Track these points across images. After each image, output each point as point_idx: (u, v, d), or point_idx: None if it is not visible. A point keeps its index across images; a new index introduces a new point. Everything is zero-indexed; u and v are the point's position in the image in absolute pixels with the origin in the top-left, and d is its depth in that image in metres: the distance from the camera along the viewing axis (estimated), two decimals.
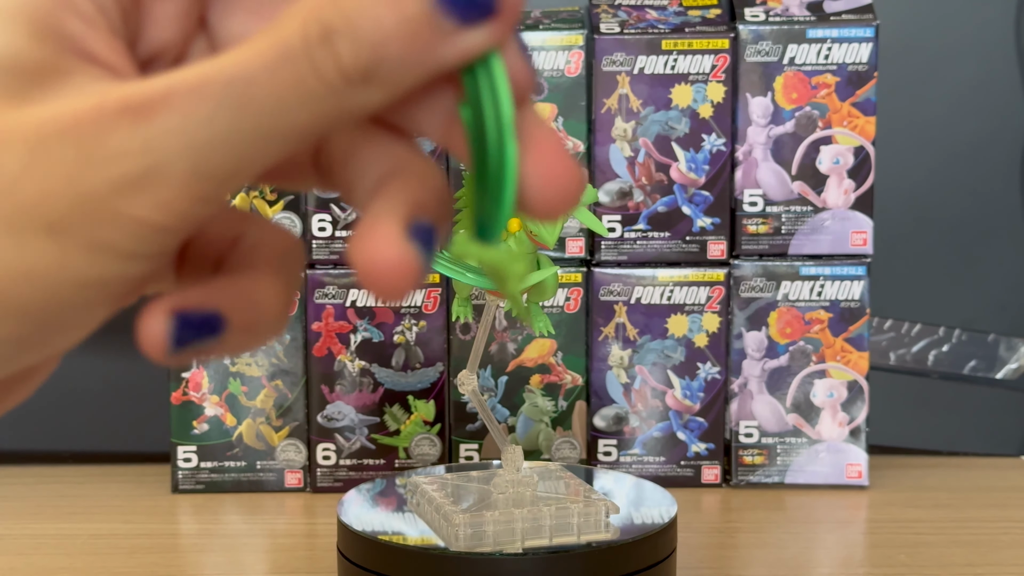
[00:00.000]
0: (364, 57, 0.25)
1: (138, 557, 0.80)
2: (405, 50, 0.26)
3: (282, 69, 0.25)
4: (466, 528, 0.66)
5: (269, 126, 0.25)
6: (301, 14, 0.26)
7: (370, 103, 0.26)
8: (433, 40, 0.26)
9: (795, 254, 0.90)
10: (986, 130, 1.03)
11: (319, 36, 0.25)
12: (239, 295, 0.29)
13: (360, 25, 0.25)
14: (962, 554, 0.80)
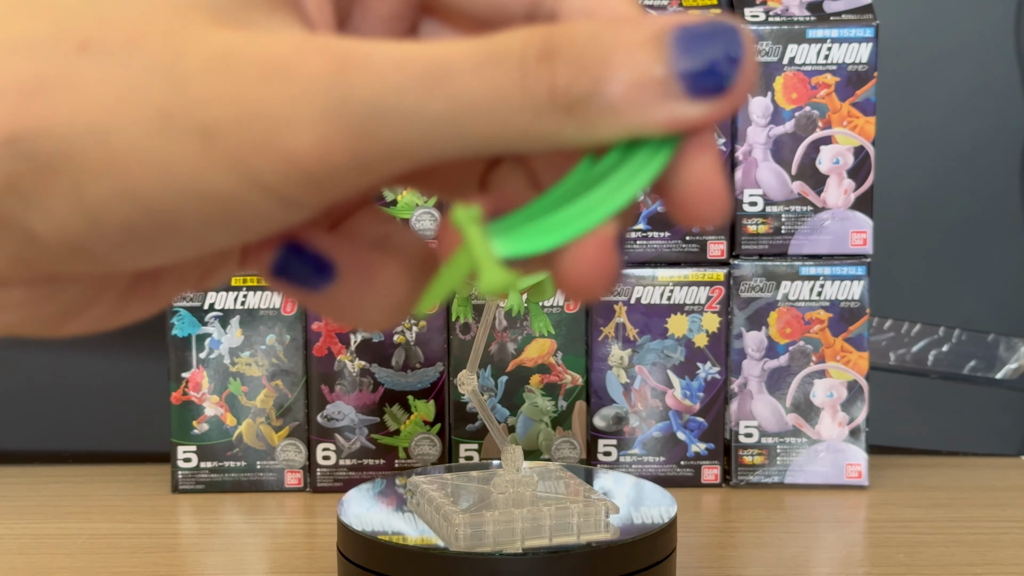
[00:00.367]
0: (579, 88, 0.25)
1: (138, 557, 0.80)
2: (621, 98, 0.25)
3: (488, 70, 0.25)
4: (466, 528, 0.65)
5: (454, 120, 0.25)
6: (526, 30, 0.25)
7: (561, 136, 0.25)
8: (653, 100, 0.25)
9: (795, 254, 0.90)
10: (986, 130, 1.03)
11: (540, 52, 0.25)
12: (362, 263, 0.29)
13: (587, 56, 0.25)
14: (962, 554, 0.80)
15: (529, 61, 0.25)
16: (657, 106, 0.25)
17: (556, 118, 0.25)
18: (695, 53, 0.25)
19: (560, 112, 0.25)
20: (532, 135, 0.25)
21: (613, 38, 0.25)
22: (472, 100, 0.25)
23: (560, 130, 0.25)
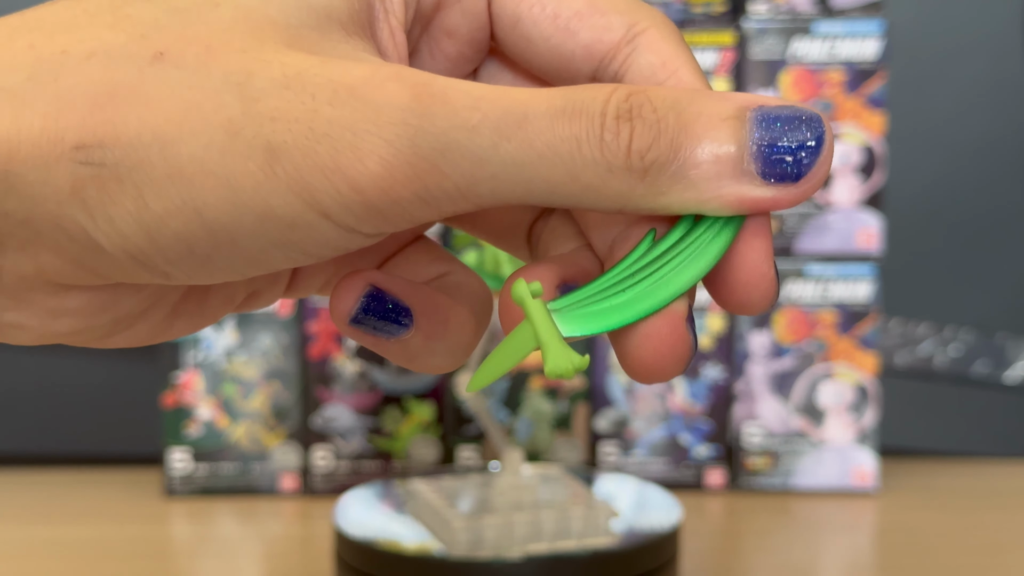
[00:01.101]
0: (657, 152, 0.25)
1: (131, 562, 0.79)
2: (697, 170, 0.25)
3: (566, 120, 0.25)
4: (465, 532, 0.65)
5: (523, 165, 0.25)
6: (610, 86, 0.25)
7: (630, 197, 0.25)
8: (728, 177, 0.25)
9: (800, 253, 0.89)
10: (997, 127, 1.02)
11: (621, 110, 0.25)
12: (435, 308, 0.29)
13: (668, 122, 0.25)
14: (972, 558, 0.79)
15: (609, 118, 0.25)
16: (730, 184, 0.25)
17: (629, 179, 0.25)
18: (775, 137, 0.25)
19: (634, 174, 0.25)
20: (601, 192, 0.25)
21: (696, 108, 0.25)
22: (546, 148, 0.25)
23: (630, 191, 0.25)
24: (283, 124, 0.25)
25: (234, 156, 0.25)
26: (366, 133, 0.24)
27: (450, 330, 0.30)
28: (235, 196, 0.25)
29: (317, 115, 0.25)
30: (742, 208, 0.26)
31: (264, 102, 0.25)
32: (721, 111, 0.25)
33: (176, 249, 0.26)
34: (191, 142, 0.25)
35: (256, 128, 0.25)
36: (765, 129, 0.25)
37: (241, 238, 0.26)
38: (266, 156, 0.25)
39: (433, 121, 0.25)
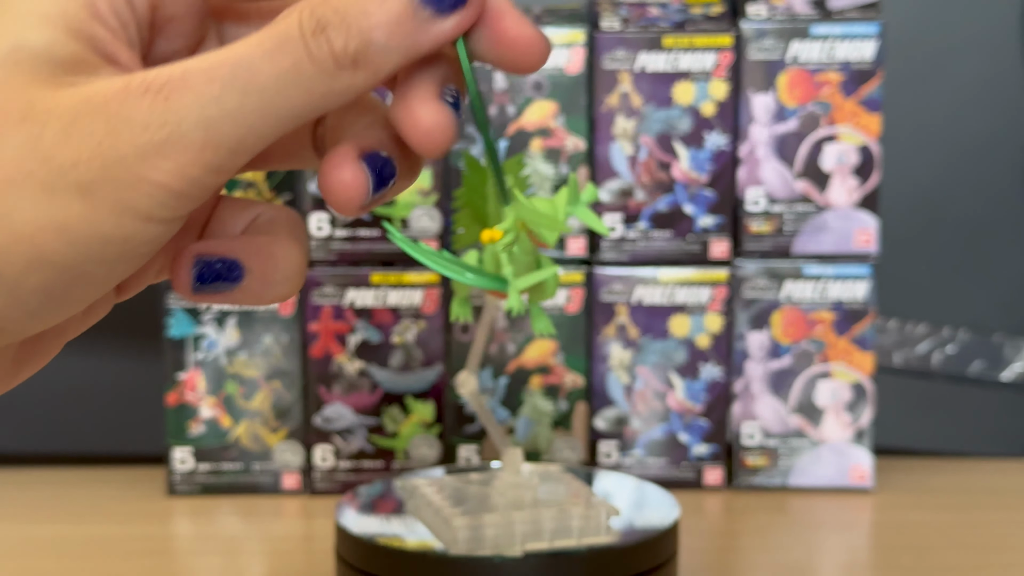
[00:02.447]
0: (354, 44, 0.30)
1: (133, 561, 0.80)
2: (389, 38, 0.30)
3: (281, 56, 0.30)
4: (465, 531, 0.65)
5: (269, 104, 0.30)
6: (296, 12, 0.30)
7: (358, 85, 0.31)
8: (413, 29, 0.30)
9: (798, 254, 0.90)
10: (993, 128, 1.02)
11: (313, 28, 0.30)
12: (258, 250, 0.34)
13: (351, 16, 0.30)
14: (968, 557, 0.79)
15: (307, 37, 0.30)
16: (420, 32, 0.30)
17: (348, 74, 0.30)
18: None
19: (348, 69, 0.30)
20: (335, 94, 0.30)
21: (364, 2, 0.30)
22: (277, 85, 0.30)
23: (355, 82, 0.30)
24: (82, 167, 0.29)
25: (57, 206, 0.29)
26: (145, 143, 0.29)
27: (279, 262, 0.34)
28: (73, 236, 0.29)
29: (102, 148, 0.29)
30: (439, 43, 0.31)
31: (59, 155, 0.29)
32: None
33: (36, 300, 0.30)
34: (19, 209, 0.29)
35: (63, 178, 0.29)
36: None
37: (90, 267, 0.30)
38: (82, 196, 0.29)
39: (185, 110, 0.29)
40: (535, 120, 0.88)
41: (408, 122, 0.32)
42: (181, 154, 0.29)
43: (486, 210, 0.67)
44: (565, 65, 0.88)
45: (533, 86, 0.88)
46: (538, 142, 0.88)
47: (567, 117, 0.88)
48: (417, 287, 0.89)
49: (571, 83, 0.88)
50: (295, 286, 0.34)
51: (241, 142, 0.30)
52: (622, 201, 0.89)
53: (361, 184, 0.32)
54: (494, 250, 0.66)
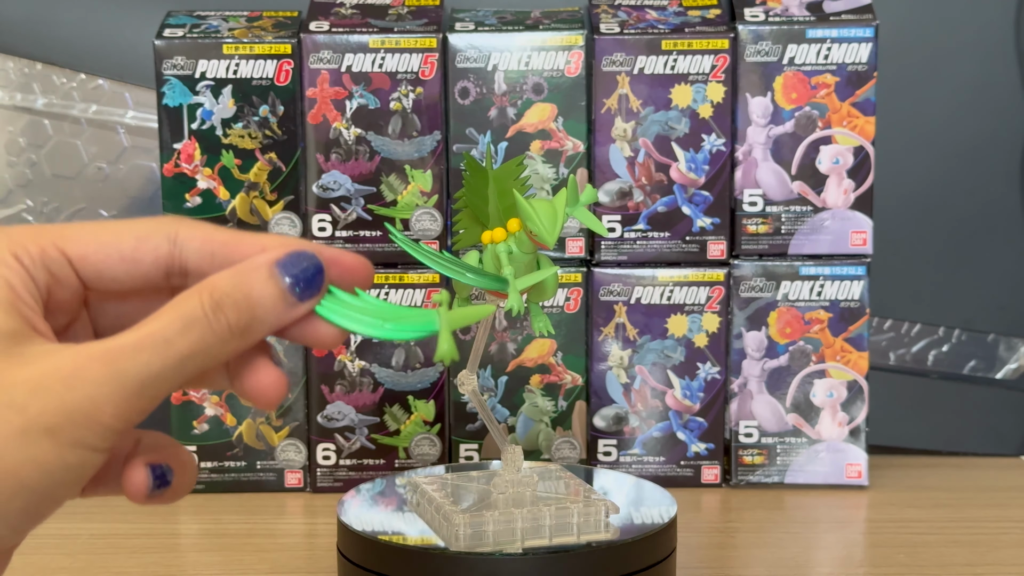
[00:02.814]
0: (244, 320, 0.42)
1: (138, 557, 0.80)
2: (267, 315, 0.43)
3: (190, 332, 0.41)
4: (466, 528, 0.66)
5: (182, 366, 0.41)
6: (195, 295, 0.41)
7: (241, 347, 0.42)
8: (283, 310, 0.43)
9: (795, 254, 0.90)
10: (986, 130, 1.03)
11: (212, 307, 0.41)
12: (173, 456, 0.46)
13: (239, 300, 0.42)
14: (961, 554, 0.80)
15: (209, 316, 0.41)
16: (287, 312, 0.43)
17: (237, 340, 0.42)
18: (294, 276, 0.43)
19: (238, 336, 0.42)
20: (229, 351, 0.42)
21: (249, 281, 0.42)
22: (188, 352, 0.41)
23: (241, 345, 0.42)
24: (49, 415, 0.39)
25: (33, 446, 0.39)
26: (96, 396, 0.40)
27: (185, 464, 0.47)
28: (46, 467, 0.40)
29: (63, 401, 0.39)
30: (297, 319, 0.44)
31: (30, 409, 0.39)
32: (261, 275, 0.42)
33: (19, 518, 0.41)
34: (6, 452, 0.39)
35: (35, 425, 0.39)
36: (287, 270, 0.43)
37: (57, 489, 0.41)
38: (50, 436, 0.39)
39: (126, 371, 0.40)
40: (535, 122, 0.89)
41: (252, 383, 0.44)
42: (122, 402, 0.40)
43: (486, 211, 0.68)
44: (564, 68, 0.89)
45: (533, 88, 0.89)
46: (538, 144, 0.89)
47: (566, 119, 0.89)
48: (418, 287, 0.90)
49: (570, 85, 0.89)
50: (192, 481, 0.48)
51: (161, 392, 0.41)
52: (621, 202, 0.90)
53: None
54: (494, 250, 0.67)
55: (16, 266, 0.42)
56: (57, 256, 0.43)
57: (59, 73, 1.00)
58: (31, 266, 0.43)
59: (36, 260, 0.43)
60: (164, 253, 0.44)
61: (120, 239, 0.44)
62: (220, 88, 0.89)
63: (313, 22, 0.90)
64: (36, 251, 0.43)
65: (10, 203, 1.00)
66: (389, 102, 0.89)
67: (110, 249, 0.44)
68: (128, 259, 0.44)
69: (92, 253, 0.44)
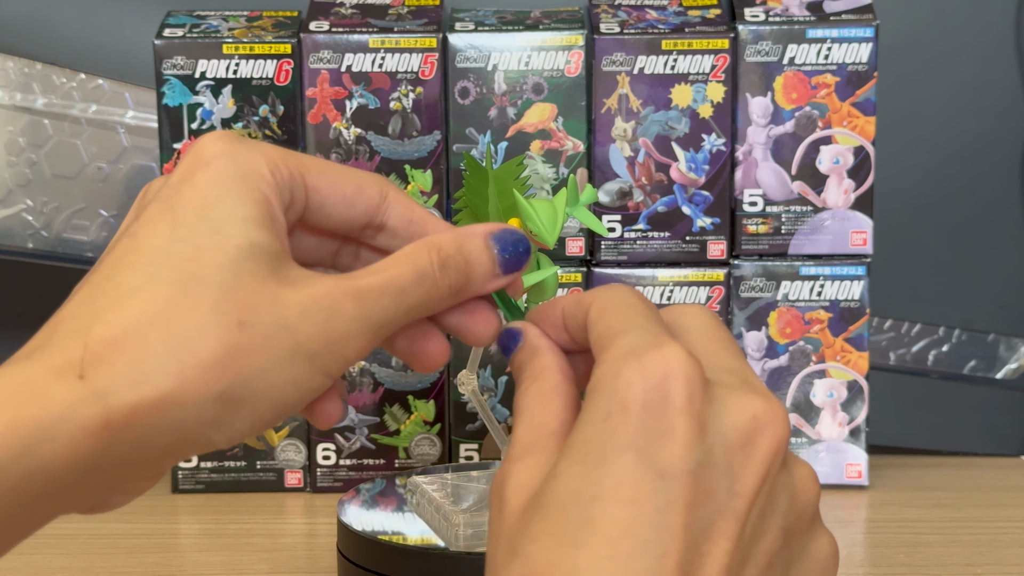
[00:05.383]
0: (462, 281, 0.45)
1: (138, 557, 0.80)
2: (478, 282, 0.46)
3: (420, 284, 0.44)
4: (466, 528, 0.66)
5: (410, 312, 0.44)
6: (424, 251, 0.44)
7: (452, 304, 0.46)
8: (490, 279, 0.46)
9: (795, 254, 0.90)
10: (986, 130, 1.03)
11: (440, 265, 0.44)
12: None
13: (461, 264, 0.45)
14: (961, 554, 0.80)
15: (437, 273, 0.44)
16: (491, 282, 0.46)
17: (451, 298, 0.45)
18: (505, 250, 0.46)
19: (453, 295, 0.45)
20: (443, 307, 0.45)
21: (469, 246, 0.45)
22: (417, 301, 0.44)
23: (453, 302, 0.45)
24: (312, 342, 0.41)
25: (295, 367, 0.41)
26: (349, 331, 0.42)
27: None
28: (301, 389, 0.42)
29: (323, 331, 0.42)
30: (497, 289, 0.46)
31: (299, 334, 0.41)
32: (478, 245, 0.45)
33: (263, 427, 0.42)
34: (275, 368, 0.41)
35: (301, 349, 0.41)
36: (500, 247, 0.46)
37: (294, 409, 0.43)
38: (309, 362, 0.41)
39: (370, 312, 0.42)
40: (535, 122, 0.89)
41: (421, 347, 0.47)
42: (364, 338, 0.43)
43: (486, 211, 0.68)
44: (564, 68, 0.89)
45: (533, 88, 0.89)
46: (538, 144, 0.89)
47: (566, 119, 0.89)
48: None
49: (570, 85, 0.89)
50: None
51: (389, 331, 0.44)
52: (621, 202, 0.90)
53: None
54: None
55: (273, 183, 0.43)
56: (300, 181, 0.45)
57: (59, 73, 1.00)
58: (283, 185, 0.44)
59: (286, 180, 0.44)
60: (374, 205, 0.46)
61: (345, 180, 0.46)
62: (220, 88, 0.89)
63: (313, 22, 0.90)
64: (287, 172, 0.44)
65: (10, 203, 1.00)
66: (389, 102, 0.89)
67: (336, 187, 0.46)
68: (347, 201, 0.46)
69: (324, 187, 0.45)
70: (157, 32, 0.90)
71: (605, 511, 0.37)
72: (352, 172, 0.46)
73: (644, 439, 0.38)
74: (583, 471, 0.38)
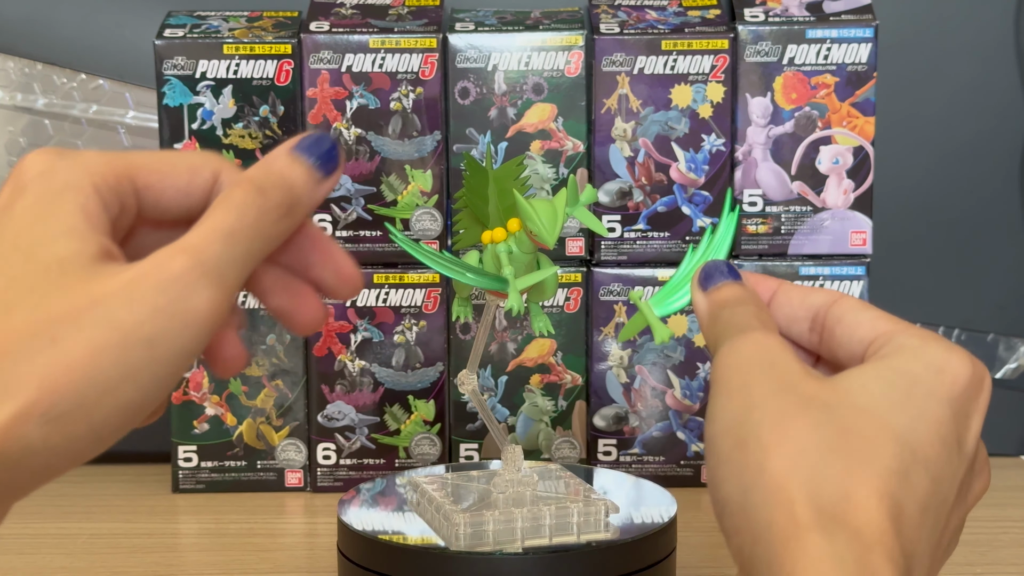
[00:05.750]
0: (287, 197, 0.45)
1: (138, 556, 0.80)
2: (303, 193, 0.45)
3: (246, 215, 0.43)
4: (466, 528, 0.66)
5: (250, 245, 0.43)
6: (236, 187, 0.44)
7: (293, 225, 0.45)
8: (315, 185, 0.46)
9: (794, 254, 0.90)
10: (985, 130, 1.03)
11: (257, 191, 0.44)
12: None
13: (277, 181, 0.45)
14: (961, 553, 0.80)
15: (257, 199, 0.44)
16: (319, 187, 0.46)
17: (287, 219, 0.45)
18: (313, 153, 0.46)
19: (286, 214, 0.45)
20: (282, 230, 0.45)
21: (277, 166, 0.45)
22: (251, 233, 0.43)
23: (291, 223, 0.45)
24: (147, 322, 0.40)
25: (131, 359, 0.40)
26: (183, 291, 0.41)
27: None
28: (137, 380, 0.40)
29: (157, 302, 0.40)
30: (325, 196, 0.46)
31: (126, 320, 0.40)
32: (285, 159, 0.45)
33: (114, 430, 0.41)
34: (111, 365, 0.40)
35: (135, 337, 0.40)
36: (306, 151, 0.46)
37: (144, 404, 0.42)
38: (148, 346, 0.40)
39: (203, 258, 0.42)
40: (535, 122, 0.89)
41: (297, 307, 0.47)
42: (208, 291, 0.41)
43: (486, 211, 0.68)
44: (564, 68, 0.89)
45: (533, 89, 0.89)
46: (538, 144, 0.89)
47: (566, 119, 0.89)
48: (418, 287, 0.90)
49: (570, 86, 0.89)
50: None
51: (236, 279, 0.43)
52: (621, 202, 0.90)
53: None
54: (494, 250, 0.67)
55: (92, 192, 0.43)
56: (128, 186, 0.45)
57: (60, 73, 1.00)
58: (107, 193, 0.44)
59: (111, 187, 0.44)
60: (208, 188, 0.46)
61: (178, 172, 0.46)
62: (220, 88, 0.89)
63: (313, 22, 0.90)
64: (112, 178, 0.44)
65: None
66: (389, 102, 0.89)
67: (170, 181, 0.46)
68: (183, 191, 0.46)
69: (156, 182, 0.46)
70: (158, 32, 0.90)
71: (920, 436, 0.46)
72: (185, 159, 0.47)
73: (961, 406, 0.48)
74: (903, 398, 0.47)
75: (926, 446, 0.45)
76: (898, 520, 0.43)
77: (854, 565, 0.41)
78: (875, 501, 0.43)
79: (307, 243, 0.47)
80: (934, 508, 0.45)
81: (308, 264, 0.47)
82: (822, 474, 0.43)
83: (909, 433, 0.45)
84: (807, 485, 0.43)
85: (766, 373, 0.47)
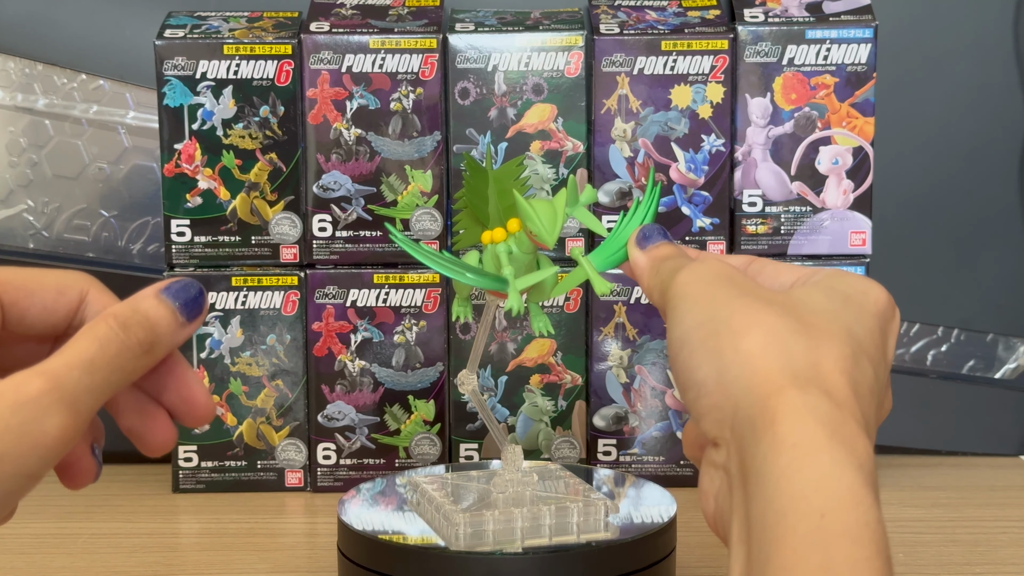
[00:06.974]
0: (150, 336, 0.47)
1: (139, 556, 0.80)
2: (165, 334, 0.48)
3: (107, 348, 0.45)
4: (466, 527, 0.66)
5: (109, 376, 0.45)
6: (101, 322, 0.46)
7: (151, 362, 0.48)
8: (176, 329, 0.48)
9: (794, 254, 0.91)
10: (984, 131, 1.03)
11: (121, 327, 0.46)
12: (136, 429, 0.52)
13: (141, 320, 0.47)
14: (960, 553, 0.80)
15: (121, 335, 0.46)
16: (181, 331, 0.48)
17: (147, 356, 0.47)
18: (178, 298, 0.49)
19: (147, 352, 0.47)
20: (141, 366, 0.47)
21: (144, 305, 0.47)
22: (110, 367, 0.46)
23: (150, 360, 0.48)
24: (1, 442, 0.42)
25: None
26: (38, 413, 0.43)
27: None
28: None
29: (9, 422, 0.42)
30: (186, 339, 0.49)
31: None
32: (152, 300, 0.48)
33: None
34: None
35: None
36: (173, 295, 0.48)
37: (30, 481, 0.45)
38: None
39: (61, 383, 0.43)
40: (535, 123, 0.89)
41: (185, 396, 0.50)
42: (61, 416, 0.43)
43: (486, 211, 0.68)
44: (564, 68, 0.89)
45: (533, 89, 0.89)
46: (537, 144, 0.89)
47: (566, 120, 0.89)
48: (418, 287, 0.90)
49: (570, 86, 0.89)
50: None
51: (91, 405, 0.45)
52: (620, 202, 0.90)
53: None
54: (494, 250, 0.67)
55: None
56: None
57: (60, 73, 1.00)
58: None
59: None
60: (74, 308, 0.49)
61: (44, 289, 0.48)
62: (221, 88, 0.89)
63: (313, 23, 0.90)
64: None
65: (11, 203, 1.00)
66: (389, 102, 0.89)
67: (35, 298, 0.48)
68: (48, 309, 0.48)
69: (22, 299, 0.48)
70: (158, 33, 0.90)
71: None
72: (52, 278, 0.49)
73: (883, 323, 0.54)
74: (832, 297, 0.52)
75: (867, 343, 0.51)
76: (856, 394, 0.48)
77: (827, 416, 0.46)
78: (838, 374, 0.48)
79: (164, 368, 0.49)
80: (875, 397, 0.50)
81: (162, 389, 0.50)
82: (792, 349, 0.48)
83: (854, 327, 0.51)
84: (780, 357, 0.48)
85: (726, 284, 0.52)
